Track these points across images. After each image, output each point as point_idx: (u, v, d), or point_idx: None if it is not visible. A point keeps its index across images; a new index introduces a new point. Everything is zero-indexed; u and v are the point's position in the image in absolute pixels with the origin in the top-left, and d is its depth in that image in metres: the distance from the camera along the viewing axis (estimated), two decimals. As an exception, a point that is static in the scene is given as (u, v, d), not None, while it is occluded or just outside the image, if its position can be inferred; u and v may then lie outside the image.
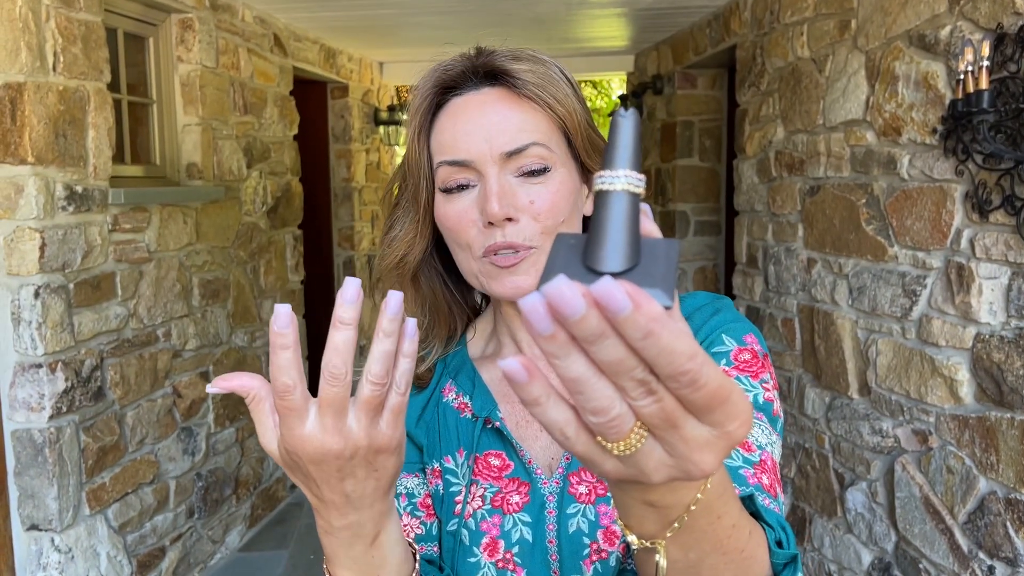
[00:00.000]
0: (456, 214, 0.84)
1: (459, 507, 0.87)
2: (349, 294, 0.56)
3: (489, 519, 0.85)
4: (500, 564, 0.84)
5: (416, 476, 0.94)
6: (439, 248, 0.92)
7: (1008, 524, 2.10)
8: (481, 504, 0.86)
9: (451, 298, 0.96)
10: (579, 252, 0.44)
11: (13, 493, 2.61)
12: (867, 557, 2.79)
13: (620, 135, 0.45)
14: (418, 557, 0.73)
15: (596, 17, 4.65)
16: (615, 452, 0.43)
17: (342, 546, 0.64)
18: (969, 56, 2.06)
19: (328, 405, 0.56)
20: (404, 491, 0.94)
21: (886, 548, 2.67)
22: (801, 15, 3.19)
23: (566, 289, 0.38)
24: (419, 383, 0.94)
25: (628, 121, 0.45)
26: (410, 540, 0.73)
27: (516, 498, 0.86)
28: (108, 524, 2.88)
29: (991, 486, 2.17)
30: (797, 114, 3.25)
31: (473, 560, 0.85)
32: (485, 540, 0.85)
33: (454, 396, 0.93)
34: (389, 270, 0.91)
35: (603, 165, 0.45)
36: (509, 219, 0.81)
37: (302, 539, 3.96)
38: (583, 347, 0.39)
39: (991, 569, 2.17)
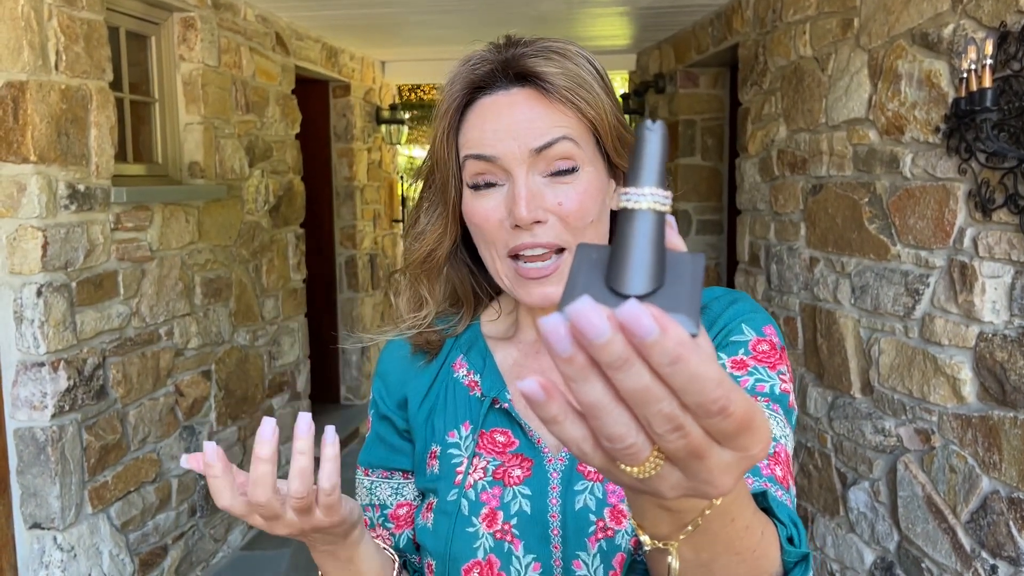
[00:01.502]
0: (484, 212, 0.84)
1: (460, 477, 0.88)
2: (301, 429, 0.66)
3: (489, 490, 0.86)
4: (498, 535, 0.84)
5: (395, 476, 0.95)
6: (465, 238, 0.93)
7: (1011, 523, 2.10)
8: (483, 476, 0.87)
9: (477, 285, 0.97)
10: (601, 268, 0.43)
11: (15, 492, 2.61)
12: (869, 556, 2.79)
13: (647, 149, 0.43)
14: (396, 560, 0.87)
15: (598, 16, 4.65)
16: (631, 474, 0.43)
17: (322, 559, 0.80)
18: (972, 54, 2.06)
19: (268, 515, 0.69)
20: (377, 502, 0.96)
21: (888, 547, 2.67)
22: (803, 13, 3.19)
23: (591, 311, 0.36)
24: (431, 348, 0.95)
25: (655, 135, 0.43)
26: (387, 547, 0.88)
27: (518, 472, 0.86)
28: (110, 523, 2.88)
29: (994, 485, 2.16)
30: (799, 113, 3.25)
31: (471, 530, 0.85)
32: (484, 511, 0.85)
33: (465, 372, 0.93)
34: (417, 264, 0.92)
35: (627, 180, 0.43)
36: (537, 221, 0.81)
37: (304, 538, 3.96)
38: (606, 373, 0.38)
39: (994, 568, 2.16)
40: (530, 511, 0.84)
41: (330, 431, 0.66)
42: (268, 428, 0.64)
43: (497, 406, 0.89)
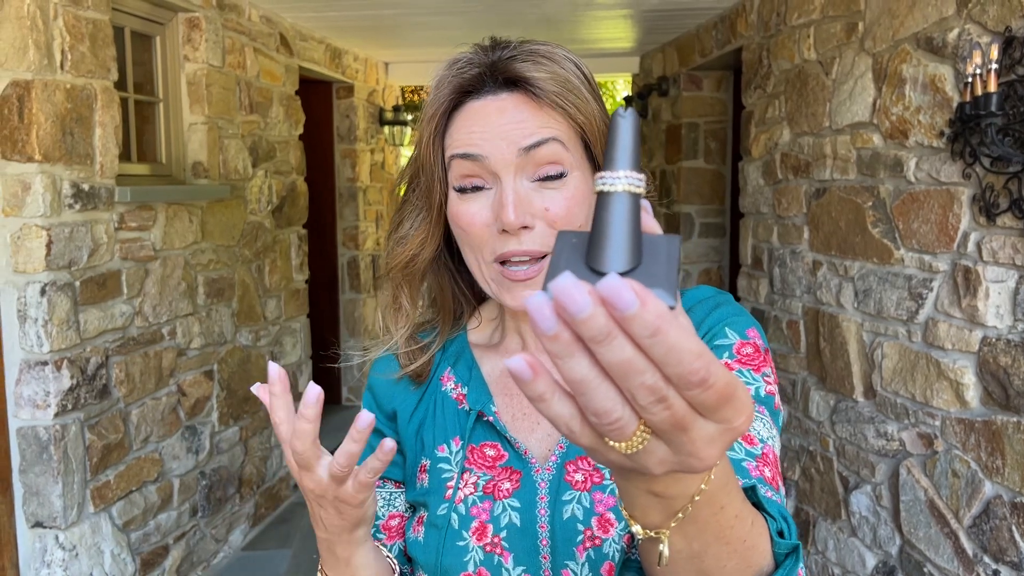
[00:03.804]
0: (469, 215, 0.83)
1: (450, 492, 0.87)
2: (361, 423, 0.68)
3: (480, 504, 0.86)
4: (488, 548, 0.84)
5: (387, 485, 0.95)
6: (447, 241, 0.92)
7: (1014, 528, 2.10)
8: (473, 491, 0.87)
9: (458, 289, 0.97)
10: (581, 252, 0.44)
11: (18, 490, 2.61)
12: (871, 560, 2.79)
13: (620, 135, 0.45)
14: (396, 570, 0.86)
15: (602, 18, 4.66)
16: (618, 450, 0.44)
17: (324, 552, 0.81)
18: (977, 59, 2.06)
19: (302, 463, 0.72)
20: None
21: (890, 551, 2.67)
22: (808, 17, 3.19)
23: (572, 287, 0.38)
24: (418, 379, 0.95)
25: (627, 121, 0.45)
26: (389, 556, 0.87)
27: (507, 485, 0.86)
28: (112, 522, 2.89)
29: (997, 490, 2.16)
30: (803, 116, 3.25)
31: (462, 544, 0.85)
32: (474, 524, 0.85)
33: (452, 386, 0.93)
34: (399, 269, 0.91)
35: (603, 165, 0.45)
36: (525, 227, 0.81)
37: (305, 538, 3.96)
38: (590, 348, 0.39)
39: (996, 573, 2.16)
40: (519, 523, 0.84)
41: (389, 442, 0.69)
42: (313, 394, 0.67)
43: (483, 419, 0.89)
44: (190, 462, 3.40)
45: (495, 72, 0.83)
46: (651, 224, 0.45)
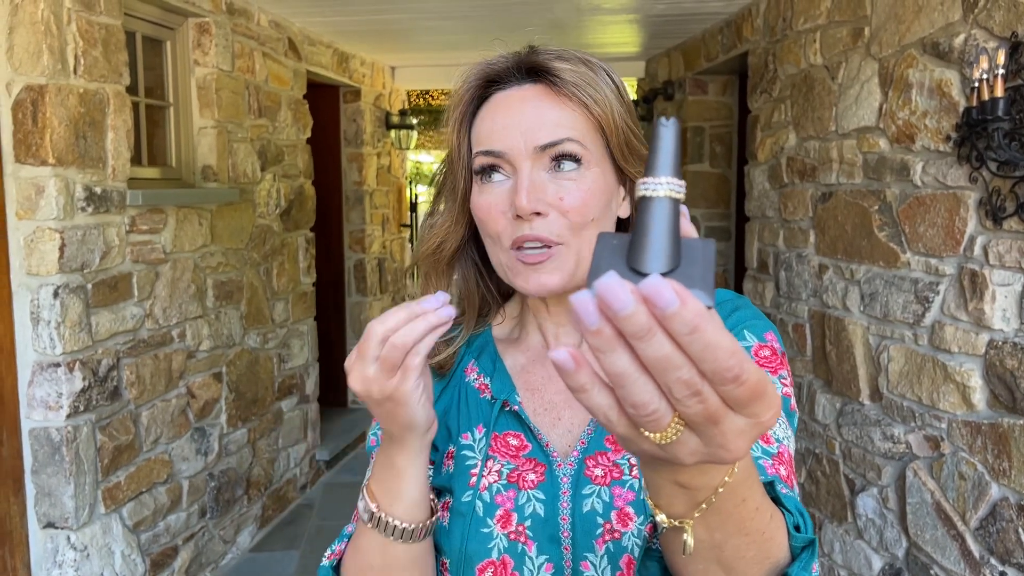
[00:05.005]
0: (487, 204, 0.86)
1: (474, 479, 0.89)
2: (430, 305, 0.71)
3: (504, 493, 0.88)
4: (512, 536, 0.86)
5: None
6: (476, 238, 0.95)
7: (1020, 530, 2.11)
8: (497, 479, 0.88)
9: (484, 286, 0.99)
10: (622, 253, 0.47)
11: (30, 491, 2.63)
12: (877, 563, 2.80)
13: (662, 143, 0.47)
14: (435, 518, 0.85)
15: (608, 23, 4.68)
16: (652, 440, 0.46)
17: (380, 465, 0.81)
18: (984, 64, 2.08)
19: (360, 358, 0.73)
20: None
21: (897, 554, 2.68)
22: (814, 22, 3.21)
23: (616, 285, 0.40)
24: (441, 371, 0.96)
25: (669, 130, 0.47)
26: (433, 500, 0.86)
27: (532, 476, 0.88)
28: (123, 523, 2.91)
29: (1003, 492, 2.17)
30: (809, 120, 3.27)
31: (486, 531, 0.87)
32: (499, 512, 0.87)
33: (475, 376, 0.95)
34: (426, 256, 0.93)
35: (646, 172, 0.47)
36: (537, 213, 0.83)
37: (312, 540, 3.98)
38: (630, 344, 0.41)
39: (1003, 575, 2.17)
40: (543, 514, 0.86)
41: (448, 308, 0.71)
42: (447, 313, 0.70)
43: (507, 408, 0.91)
44: (199, 464, 3.42)
45: (521, 64, 0.87)
46: (688, 228, 0.48)
